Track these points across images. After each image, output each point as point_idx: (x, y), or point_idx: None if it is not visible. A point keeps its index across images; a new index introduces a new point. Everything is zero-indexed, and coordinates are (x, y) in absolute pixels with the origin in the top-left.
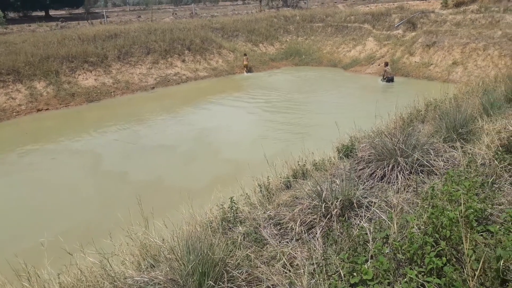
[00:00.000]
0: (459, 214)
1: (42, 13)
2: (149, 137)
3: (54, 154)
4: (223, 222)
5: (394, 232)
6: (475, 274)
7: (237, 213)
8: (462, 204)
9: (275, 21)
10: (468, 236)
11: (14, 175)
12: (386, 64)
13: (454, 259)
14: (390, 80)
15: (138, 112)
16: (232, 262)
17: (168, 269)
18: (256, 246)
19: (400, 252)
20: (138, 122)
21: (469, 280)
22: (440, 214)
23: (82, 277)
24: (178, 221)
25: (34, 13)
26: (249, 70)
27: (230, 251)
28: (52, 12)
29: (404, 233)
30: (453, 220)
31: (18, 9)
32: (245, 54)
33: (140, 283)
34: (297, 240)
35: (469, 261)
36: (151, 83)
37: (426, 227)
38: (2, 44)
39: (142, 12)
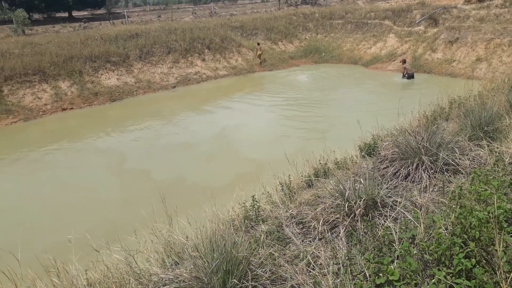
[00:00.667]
0: (490, 215)
1: (66, 14)
2: (171, 135)
3: (79, 152)
4: (246, 221)
5: (420, 232)
6: (507, 277)
7: (259, 211)
8: (494, 204)
9: (294, 18)
10: (499, 238)
11: (40, 173)
12: (404, 62)
13: (484, 261)
14: (410, 76)
15: (160, 110)
16: (255, 260)
17: (192, 266)
18: (279, 244)
19: (427, 252)
20: (160, 120)
21: (501, 283)
22: (468, 214)
23: (108, 273)
24: (201, 219)
25: (58, 15)
26: (263, 61)
27: (254, 250)
28: (75, 13)
29: (431, 234)
30: (483, 220)
31: (42, 11)
32: (258, 44)
33: (165, 280)
34: (320, 239)
35: (501, 263)
36: (172, 82)
37: (454, 228)
38: (28, 45)
39: (162, 11)
